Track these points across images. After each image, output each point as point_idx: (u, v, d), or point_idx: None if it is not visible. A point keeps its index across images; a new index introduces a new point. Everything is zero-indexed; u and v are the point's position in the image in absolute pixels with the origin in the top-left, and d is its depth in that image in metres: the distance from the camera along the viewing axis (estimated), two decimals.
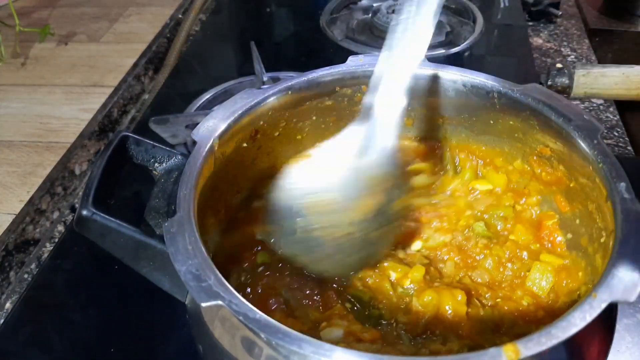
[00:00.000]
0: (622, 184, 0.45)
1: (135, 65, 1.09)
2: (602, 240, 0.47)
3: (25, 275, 0.75)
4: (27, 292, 0.70)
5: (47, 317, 0.67)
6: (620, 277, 0.39)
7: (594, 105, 1.06)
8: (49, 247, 0.79)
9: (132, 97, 1.06)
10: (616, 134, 1.00)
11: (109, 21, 1.23)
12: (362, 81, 0.59)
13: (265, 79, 0.93)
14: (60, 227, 0.82)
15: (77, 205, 0.86)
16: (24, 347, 0.64)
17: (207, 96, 0.92)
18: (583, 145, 0.50)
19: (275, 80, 0.95)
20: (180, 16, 1.26)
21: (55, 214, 0.85)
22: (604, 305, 0.37)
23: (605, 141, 0.96)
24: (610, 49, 1.25)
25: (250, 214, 0.59)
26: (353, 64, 0.58)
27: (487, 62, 1.10)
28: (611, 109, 1.04)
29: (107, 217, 0.43)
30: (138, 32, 1.19)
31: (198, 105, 0.91)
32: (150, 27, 1.20)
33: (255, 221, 0.58)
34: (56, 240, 0.79)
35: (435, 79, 0.59)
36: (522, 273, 0.55)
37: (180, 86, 1.06)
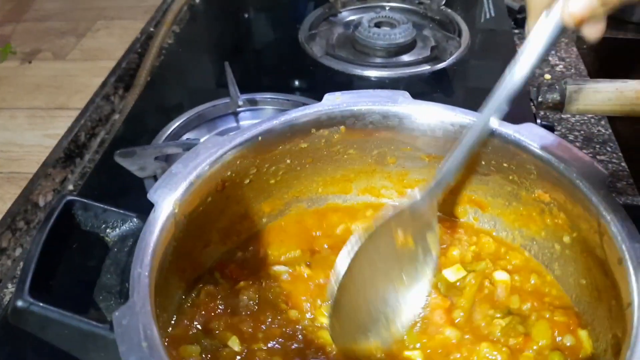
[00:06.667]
0: (638, 245, 0.39)
1: (103, 84, 1.03)
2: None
3: None
4: None
5: None
6: None
7: (585, 119, 1.03)
8: (10, 288, 0.74)
9: (100, 119, 1.00)
10: (609, 149, 0.97)
11: (76, 36, 1.16)
12: (339, 121, 0.54)
13: (240, 102, 0.87)
14: None
15: None
16: None
17: (178, 122, 0.86)
18: (589, 195, 0.45)
19: (252, 102, 0.90)
20: (152, 29, 1.20)
21: (18, 251, 0.79)
22: None
23: (598, 157, 0.95)
24: (599, 56, 1.21)
25: None
26: (329, 103, 0.53)
27: (474, 76, 1.05)
28: (602, 122, 1.02)
29: (46, 306, 0.37)
30: (107, 48, 1.13)
31: (170, 131, 0.85)
32: (120, 42, 1.14)
33: None
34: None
35: (422, 116, 0.54)
36: None
37: (152, 106, 1.00)
